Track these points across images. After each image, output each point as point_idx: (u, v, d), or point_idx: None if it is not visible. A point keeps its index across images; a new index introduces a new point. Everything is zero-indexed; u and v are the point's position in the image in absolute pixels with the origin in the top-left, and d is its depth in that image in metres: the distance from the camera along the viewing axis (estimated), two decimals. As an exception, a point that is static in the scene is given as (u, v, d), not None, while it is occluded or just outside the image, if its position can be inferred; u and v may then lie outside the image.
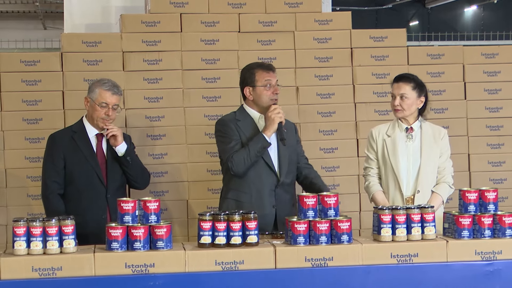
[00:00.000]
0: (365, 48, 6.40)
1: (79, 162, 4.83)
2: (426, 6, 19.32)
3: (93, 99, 4.82)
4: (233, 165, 4.69)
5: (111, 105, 4.82)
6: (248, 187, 4.77)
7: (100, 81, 4.89)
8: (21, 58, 6.11)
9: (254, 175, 4.75)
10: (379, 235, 4.01)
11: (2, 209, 5.94)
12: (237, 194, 4.80)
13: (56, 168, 4.83)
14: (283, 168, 4.80)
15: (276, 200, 4.76)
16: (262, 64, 4.91)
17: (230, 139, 4.76)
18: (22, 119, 6.02)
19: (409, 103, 4.85)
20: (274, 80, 4.81)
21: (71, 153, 4.84)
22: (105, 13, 6.87)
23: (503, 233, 4.04)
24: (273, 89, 4.80)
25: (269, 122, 4.70)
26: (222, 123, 4.86)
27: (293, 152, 4.90)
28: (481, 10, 19.90)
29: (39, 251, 3.77)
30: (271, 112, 4.71)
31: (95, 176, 4.82)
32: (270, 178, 4.77)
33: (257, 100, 4.81)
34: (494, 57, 6.53)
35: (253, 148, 4.67)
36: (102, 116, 4.81)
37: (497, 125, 6.44)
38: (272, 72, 4.83)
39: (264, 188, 4.76)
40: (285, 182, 4.82)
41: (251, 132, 4.76)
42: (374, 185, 4.94)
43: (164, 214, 5.77)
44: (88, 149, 4.85)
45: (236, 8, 6.31)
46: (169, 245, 3.86)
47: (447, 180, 4.90)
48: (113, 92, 4.83)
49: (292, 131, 4.96)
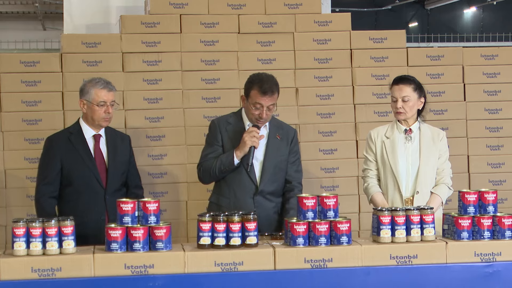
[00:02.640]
0: (365, 49, 6.40)
1: (76, 164, 4.80)
2: (426, 7, 19.34)
3: (89, 100, 4.79)
4: (200, 173, 4.84)
5: (109, 102, 4.80)
6: (228, 192, 4.82)
7: (92, 81, 4.84)
8: (20, 59, 6.11)
9: (234, 180, 4.79)
10: (379, 237, 4.01)
11: (1, 209, 5.95)
12: (218, 198, 4.87)
13: (51, 171, 4.80)
14: (265, 176, 4.79)
15: (257, 207, 4.73)
16: (261, 83, 4.69)
17: (208, 145, 4.84)
18: (21, 119, 6.02)
19: (411, 105, 4.85)
20: (265, 103, 4.67)
21: (68, 155, 4.81)
22: (105, 14, 6.87)
23: (502, 235, 4.04)
24: (259, 112, 4.70)
25: (242, 143, 4.70)
26: (212, 124, 4.90)
27: (282, 161, 4.86)
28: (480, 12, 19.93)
29: (39, 251, 3.77)
30: (246, 134, 4.69)
31: (93, 178, 4.80)
32: (249, 185, 4.78)
33: (246, 113, 4.82)
34: (494, 59, 6.53)
35: (220, 164, 4.73)
36: (102, 115, 4.79)
37: (497, 126, 6.44)
38: (267, 97, 4.66)
39: (243, 194, 4.78)
40: (265, 191, 4.80)
41: (237, 139, 4.75)
42: (373, 187, 4.94)
43: (163, 215, 5.77)
44: (86, 151, 4.83)
45: (235, 9, 6.32)
46: (168, 246, 3.86)
47: (446, 181, 4.89)
48: (109, 89, 4.81)
49: (287, 140, 4.89)
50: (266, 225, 4.64)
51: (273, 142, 4.83)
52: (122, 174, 4.94)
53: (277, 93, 4.76)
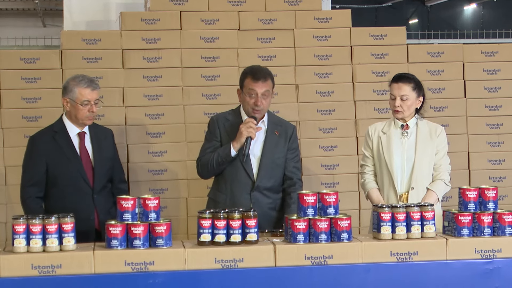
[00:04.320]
0: (365, 46, 6.40)
1: (61, 163, 4.71)
2: (426, 4, 19.34)
3: (73, 99, 4.70)
4: (199, 168, 4.84)
5: (93, 101, 4.72)
6: (225, 188, 4.82)
7: (76, 79, 4.74)
8: (20, 56, 6.10)
9: (231, 176, 4.78)
10: (379, 233, 4.01)
11: (1, 206, 5.94)
12: (215, 194, 4.88)
13: (35, 171, 4.71)
14: (262, 172, 4.79)
15: (253, 204, 4.73)
16: (254, 72, 4.76)
17: (207, 141, 4.85)
18: (21, 116, 6.01)
19: (409, 104, 4.84)
20: (260, 90, 4.70)
21: (53, 154, 4.72)
22: (105, 11, 6.86)
23: (502, 231, 4.04)
24: (255, 100, 4.72)
25: (238, 134, 4.70)
26: (211, 121, 4.92)
27: (281, 157, 4.85)
28: (480, 8, 19.92)
29: (39, 248, 3.77)
30: (243, 125, 4.70)
31: (80, 177, 4.72)
32: (245, 181, 4.77)
33: (242, 105, 4.82)
34: (494, 55, 6.52)
35: (217, 156, 4.73)
36: (86, 114, 4.71)
37: (497, 123, 6.43)
38: (260, 82, 4.70)
39: (239, 190, 4.77)
40: (262, 186, 4.79)
41: (235, 133, 4.74)
42: (370, 182, 4.94)
43: (163, 212, 5.77)
44: (71, 149, 4.74)
45: (236, 5, 6.31)
46: (168, 243, 3.86)
47: (442, 177, 4.87)
48: (93, 88, 4.72)
49: (285, 136, 4.88)
50: (262, 221, 4.62)
51: (271, 138, 4.82)
52: (108, 170, 4.86)
53: (271, 82, 4.78)
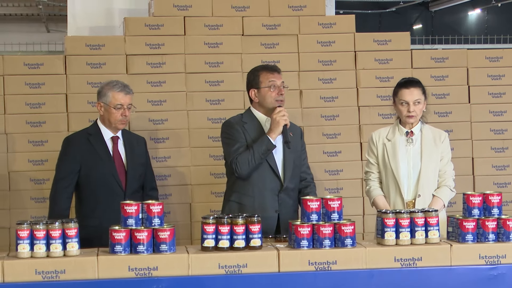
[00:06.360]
0: (369, 51, 6.40)
1: (95, 164, 4.79)
2: (430, 9, 19.34)
3: (106, 103, 4.80)
4: (238, 167, 4.67)
5: (126, 105, 4.82)
6: (252, 190, 4.75)
7: (110, 84, 4.86)
8: (24, 61, 6.11)
9: (258, 178, 4.73)
10: (383, 239, 4.00)
11: (5, 211, 5.94)
12: (240, 197, 4.78)
13: (69, 171, 4.79)
14: (287, 173, 4.78)
15: (280, 205, 4.74)
16: (267, 66, 4.90)
17: (235, 141, 4.74)
18: (25, 122, 6.02)
19: (421, 108, 4.85)
20: (278, 81, 4.79)
21: (88, 155, 4.81)
22: (109, 16, 6.87)
23: (507, 237, 4.03)
24: (277, 90, 4.77)
25: (274, 124, 4.67)
26: (228, 125, 4.84)
27: (298, 157, 4.87)
28: (485, 14, 19.90)
29: (43, 254, 3.77)
30: (276, 114, 4.68)
31: (112, 179, 4.80)
32: (274, 183, 4.75)
33: (262, 102, 4.80)
34: (498, 61, 6.52)
35: (257, 150, 4.65)
36: (119, 118, 4.80)
37: (501, 128, 6.43)
38: (276, 73, 4.81)
39: (267, 192, 4.73)
40: (289, 187, 4.79)
41: (258, 134, 4.73)
42: (375, 190, 4.92)
43: (167, 217, 5.76)
44: (105, 152, 4.83)
45: (239, 11, 6.31)
46: (172, 248, 3.86)
47: (448, 183, 4.86)
48: (126, 92, 4.83)
49: (298, 136, 4.93)
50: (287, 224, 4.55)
51: (286, 137, 4.80)
52: (140, 175, 4.94)
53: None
